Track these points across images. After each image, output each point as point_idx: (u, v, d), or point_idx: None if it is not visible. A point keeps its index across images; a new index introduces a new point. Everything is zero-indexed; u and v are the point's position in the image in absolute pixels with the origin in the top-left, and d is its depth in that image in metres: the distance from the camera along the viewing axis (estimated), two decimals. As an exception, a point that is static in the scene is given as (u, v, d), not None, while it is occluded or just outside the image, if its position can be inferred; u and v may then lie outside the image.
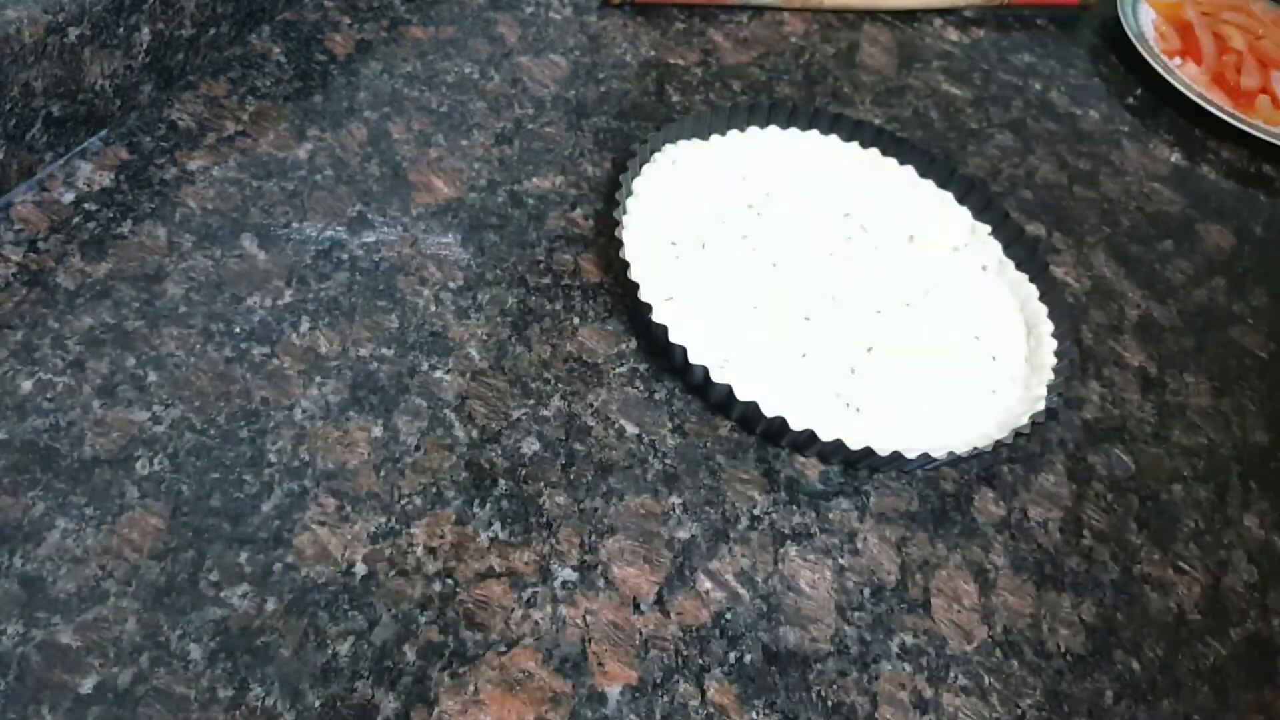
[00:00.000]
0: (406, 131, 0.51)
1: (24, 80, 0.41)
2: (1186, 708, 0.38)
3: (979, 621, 0.39)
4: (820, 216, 0.51)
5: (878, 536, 0.41)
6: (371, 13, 0.57)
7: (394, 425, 0.40)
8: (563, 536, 0.38)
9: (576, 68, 0.57)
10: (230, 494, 0.37)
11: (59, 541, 0.35)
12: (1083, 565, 0.42)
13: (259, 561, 0.35)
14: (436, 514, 0.38)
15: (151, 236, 0.44)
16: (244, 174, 0.47)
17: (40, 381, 0.38)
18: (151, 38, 0.47)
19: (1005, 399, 0.45)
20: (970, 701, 0.37)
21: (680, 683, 0.35)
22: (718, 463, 0.42)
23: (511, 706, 0.34)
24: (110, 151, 0.47)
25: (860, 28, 0.66)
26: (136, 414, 0.38)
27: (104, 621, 0.33)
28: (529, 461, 0.40)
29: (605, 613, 0.36)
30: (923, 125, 0.60)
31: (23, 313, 0.40)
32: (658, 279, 0.46)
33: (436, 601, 0.36)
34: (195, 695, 0.32)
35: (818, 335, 0.46)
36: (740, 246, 0.49)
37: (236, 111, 0.50)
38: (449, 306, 0.44)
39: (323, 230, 0.46)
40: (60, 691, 0.32)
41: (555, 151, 0.52)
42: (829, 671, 0.37)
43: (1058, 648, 0.39)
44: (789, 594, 0.38)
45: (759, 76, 0.60)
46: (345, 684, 0.33)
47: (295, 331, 0.42)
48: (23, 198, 0.44)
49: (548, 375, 0.43)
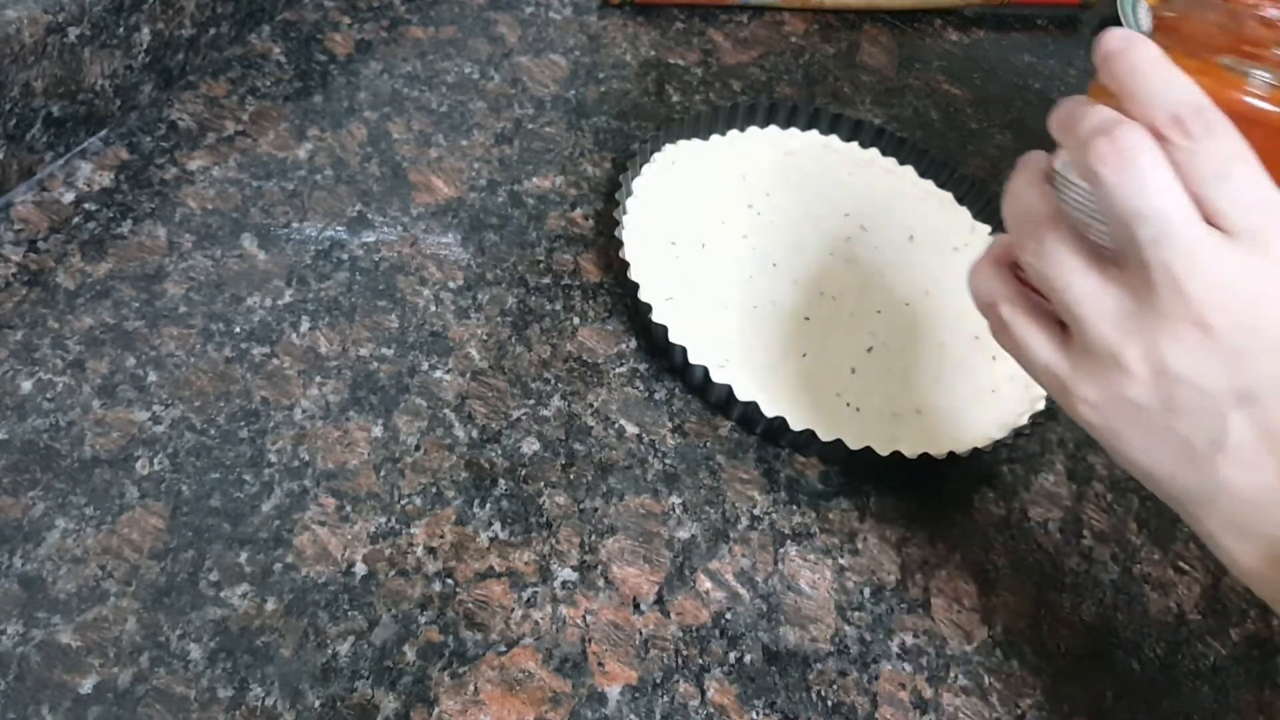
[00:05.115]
0: (406, 131, 0.51)
1: (24, 80, 0.41)
2: (1186, 708, 0.38)
3: (979, 621, 0.39)
4: (820, 216, 0.51)
5: (878, 536, 0.41)
6: (371, 13, 0.57)
7: (394, 425, 0.40)
8: (563, 536, 0.38)
9: (576, 68, 0.57)
10: (230, 494, 0.37)
11: (59, 541, 0.35)
12: (1083, 565, 0.42)
13: (259, 561, 0.35)
14: (436, 514, 0.38)
15: (151, 236, 0.44)
16: (244, 174, 0.47)
17: (40, 381, 0.38)
18: (151, 38, 0.47)
19: (1005, 399, 0.45)
20: (970, 701, 0.37)
21: (680, 683, 0.35)
22: (718, 463, 0.42)
23: (511, 706, 0.34)
24: (110, 151, 0.47)
25: (860, 28, 0.66)
26: (136, 414, 0.38)
27: (104, 621, 0.33)
28: (529, 461, 0.40)
29: (605, 613, 0.36)
30: (923, 125, 0.60)
31: (23, 313, 0.40)
32: (658, 279, 0.46)
33: (436, 601, 0.36)
34: (195, 695, 0.32)
35: (818, 335, 0.46)
36: (740, 246, 0.49)
37: (236, 111, 0.50)
38: (449, 306, 0.44)
39: (323, 230, 0.46)
40: (60, 691, 0.32)
41: (555, 151, 0.52)
42: (829, 671, 0.37)
43: (1058, 648, 0.39)
44: (789, 594, 0.38)
45: (759, 76, 0.60)
46: (345, 684, 0.33)
47: (295, 331, 0.42)
48: (23, 198, 0.44)
49: (548, 375, 0.43)
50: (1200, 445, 0.28)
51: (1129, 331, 0.28)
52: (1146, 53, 0.29)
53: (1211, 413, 0.28)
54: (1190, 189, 0.27)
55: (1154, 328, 0.27)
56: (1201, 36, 0.30)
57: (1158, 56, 0.28)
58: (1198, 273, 0.27)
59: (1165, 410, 0.28)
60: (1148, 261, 0.27)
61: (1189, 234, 0.27)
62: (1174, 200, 0.27)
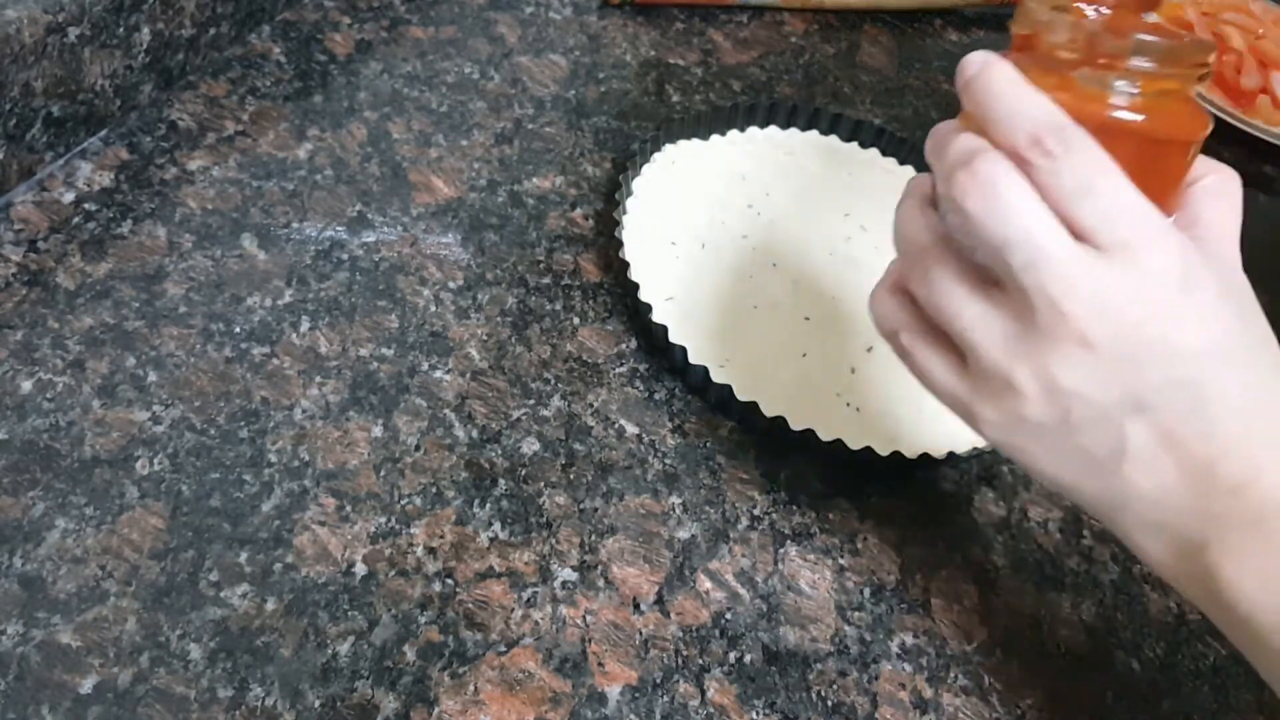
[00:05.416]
0: (406, 131, 0.51)
1: (24, 80, 0.41)
2: (1186, 708, 0.38)
3: (979, 621, 0.39)
4: (820, 216, 0.51)
5: (878, 536, 0.41)
6: (371, 13, 0.57)
7: (394, 425, 0.40)
8: (563, 536, 0.38)
9: (576, 68, 0.57)
10: (230, 494, 0.37)
11: (59, 541, 0.35)
12: (1083, 565, 0.42)
13: (259, 561, 0.35)
14: (436, 514, 0.38)
15: (151, 236, 0.44)
16: (244, 174, 0.47)
17: (40, 381, 0.38)
18: (151, 38, 0.47)
19: (1005, 399, 0.45)
20: (970, 701, 0.37)
21: (680, 683, 0.35)
22: (718, 463, 0.42)
23: (511, 706, 0.34)
24: (110, 151, 0.47)
25: (860, 28, 0.66)
26: (136, 414, 0.38)
27: (104, 621, 0.33)
28: (529, 461, 0.40)
29: (605, 613, 0.36)
30: (923, 125, 0.60)
31: (23, 313, 0.40)
32: (658, 279, 0.46)
33: (436, 601, 0.36)
34: (195, 695, 0.32)
35: (818, 335, 0.46)
36: (740, 246, 0.49)
37: (236, 111, 0.50)
38: (449, 306, 0.44)
39: (323, 230, 0.46)
40: (60, 691, 0.32)
41: (555, 151, 0.52)
42: (829, 671, 0.37)
43: (1058, 648, 0.39)
44: (789, 594, 0.38)
45: (759, 76, 0.60)
46: (345, 684, 0.33)
47: (295, 331, 0.42)
48: (23, 198, 0.44)
49: (548, 375, 0.43)
50: (1102, 455, 0.29)
51: (1017, 354, 0.28)
52: (1001, 74, 0.29)
53: (1108, 424, 0.28)
54: (1056, 208, 0.27)
55: (1040, 348, 0.28)
56: (1055, 52, 0.29)
57: (1012, 77, 0.29)
58: (1072, 292, 0.27)
59: (1063, 425, 0.29)
60: (1024, 286, 0.27)
61: (1059, 255, 0.27)
62: (1039, 224, 0.27)
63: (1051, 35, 0.30)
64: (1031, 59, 0.30)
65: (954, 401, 0.31)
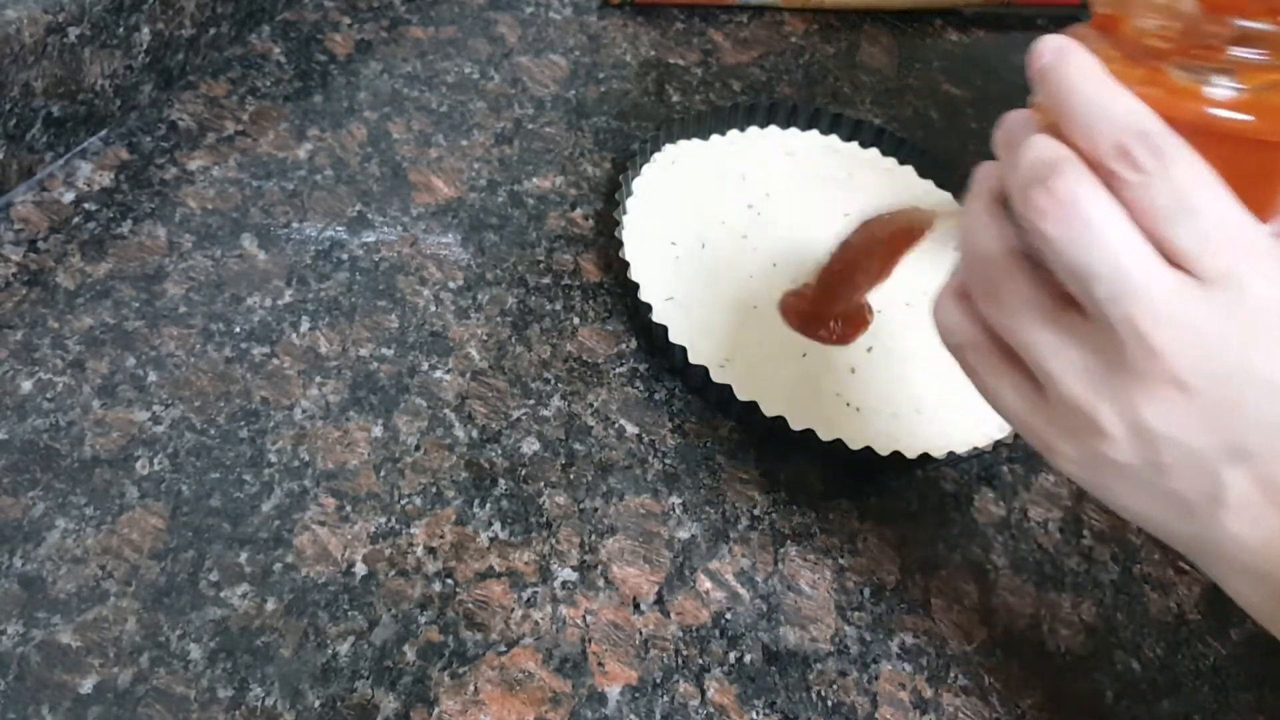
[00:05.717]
0: (406, 131, 0.51)
1: (24, 80, 0.41)
2: (1186, 708, 0.38)
3: (979, 621, 0.39)
4: (820, 216, 0.51)
5: (878, 536, 0.41)
6: (371, 13, 0.57)
7: (394, 425, 0.40)
8: (563, 536, 0.38)
9: (576, 68, 0.57)
10: (230, 494, 0.37)
11: (59, 541, 0.35)
12: (1083, 565, 0.42)
13: (259, 561, 0.35)
14: (436, 514, 0.38)
15: (151, 236, 0.44)
16: (244, 174, 0.47)
17: (40, 381, 0.38)
18: (151, 38, 0.47)
19: (1005, 399, 0.45)
20: (970, 701, 0.37)
21: (680, 683, 0.35)
22: (718, 463, 0.42)
23: (511, 706, 0.34)
24: (110, 151, 0.47)
25: (860, 28, 0.66)
26: (136, 414, 0.38)
27: (104, 621, 0.33)
28: (529, 461, 0.40)
29: (605, 613, 0.36)
30: (923, 125, 0.60)
31: (23, 313, 0.40)
32: (658, 279, 0.46)
33: (436, 601, 0.36)
34: (195, 695, 0.32)
35: (818, 335, 0.46)
36: (740, 246, 0.49)
37: (236, 111, 0.50)
38: (449, 306, 0.44)
39: (323, 230, 0.46)
40: (60, 691, 0.32)
41: (555, 151, 0.52)
42: (829, 671, 0.37)
43: (1058, 648, 0.39)
44: (789, 594, 0.38)
45: (759, 76, 0.60)
46: (345, 684, 0.33)
47: (295, 331, 0.42)
48: (23, 198, 0.44)
49: (548, 375, 0.43)
50: (1196, 501, 0.26)
51: (1101, 390, 0.25)
52: (1081, 66, 0.26)
53: (1204, 470, 0.25)
54: (1147, 230, 0.24)
55: (1128, 387, 0.25)
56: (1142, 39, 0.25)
57: (1093, 70, 0.25)
58: (1167, 327, 0.24)
59: (1152, 469, 0.26)
60: (1111, 318, 0.25)
61: (1151, 286, 0.24)
62: (1129, 252, 0.24)
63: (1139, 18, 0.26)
64: (1113, 43, 0.26)
65: (1028, 431, 0.28)
